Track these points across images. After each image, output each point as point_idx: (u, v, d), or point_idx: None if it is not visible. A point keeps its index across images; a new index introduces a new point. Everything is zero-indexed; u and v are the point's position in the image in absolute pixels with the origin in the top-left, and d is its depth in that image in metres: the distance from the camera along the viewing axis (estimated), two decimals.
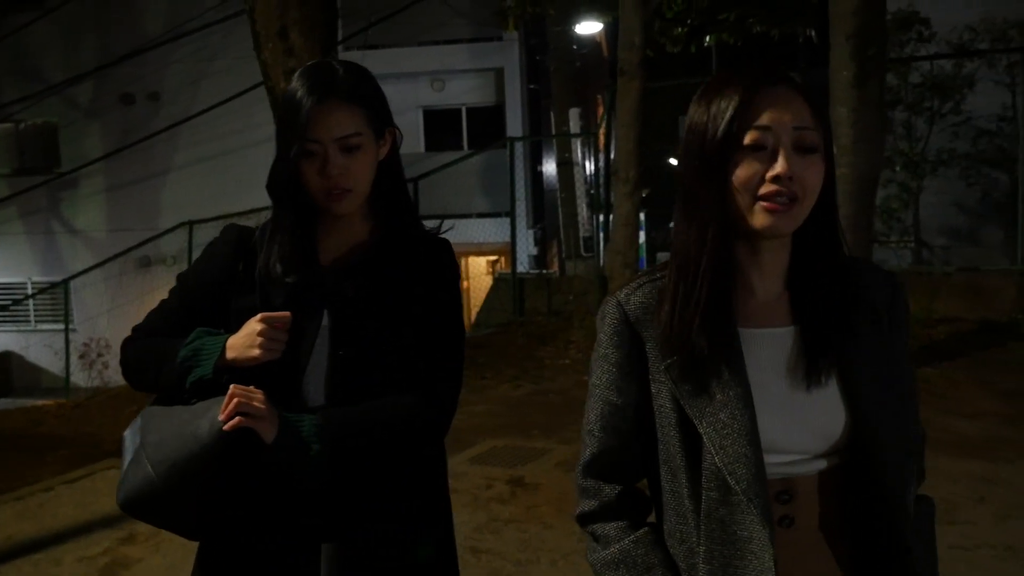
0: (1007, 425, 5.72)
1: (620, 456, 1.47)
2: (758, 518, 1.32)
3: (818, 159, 1.34)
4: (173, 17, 16.54)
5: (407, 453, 1.76)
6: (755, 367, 1.37)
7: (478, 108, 17.40)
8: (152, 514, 1.67)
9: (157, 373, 1.73)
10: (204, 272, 1.83)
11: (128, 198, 17.44)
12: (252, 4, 8.28)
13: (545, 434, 6.13)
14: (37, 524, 4.91)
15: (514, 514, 4.71)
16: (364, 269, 1.78)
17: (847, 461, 1.38)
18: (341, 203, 1.73)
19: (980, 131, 12.05)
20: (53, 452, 7.27)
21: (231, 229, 1.85)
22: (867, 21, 6.12)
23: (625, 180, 8.00)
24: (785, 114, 1.32)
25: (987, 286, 8.67)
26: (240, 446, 1.58)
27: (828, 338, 1.38)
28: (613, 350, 1.44)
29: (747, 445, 1.32)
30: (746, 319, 1.39)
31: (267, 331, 1.67)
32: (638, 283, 1.46)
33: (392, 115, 1.82)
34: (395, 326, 1.75)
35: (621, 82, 7.94)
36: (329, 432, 1.64)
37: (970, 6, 12.02)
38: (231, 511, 1.68)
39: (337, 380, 1.73)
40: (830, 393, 1.37)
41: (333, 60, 1.80)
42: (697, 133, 1.36)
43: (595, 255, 11.13)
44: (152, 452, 1.62)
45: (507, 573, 4.00)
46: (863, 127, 6.21)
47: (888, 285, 1.47)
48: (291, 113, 1.70)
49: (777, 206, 1.31)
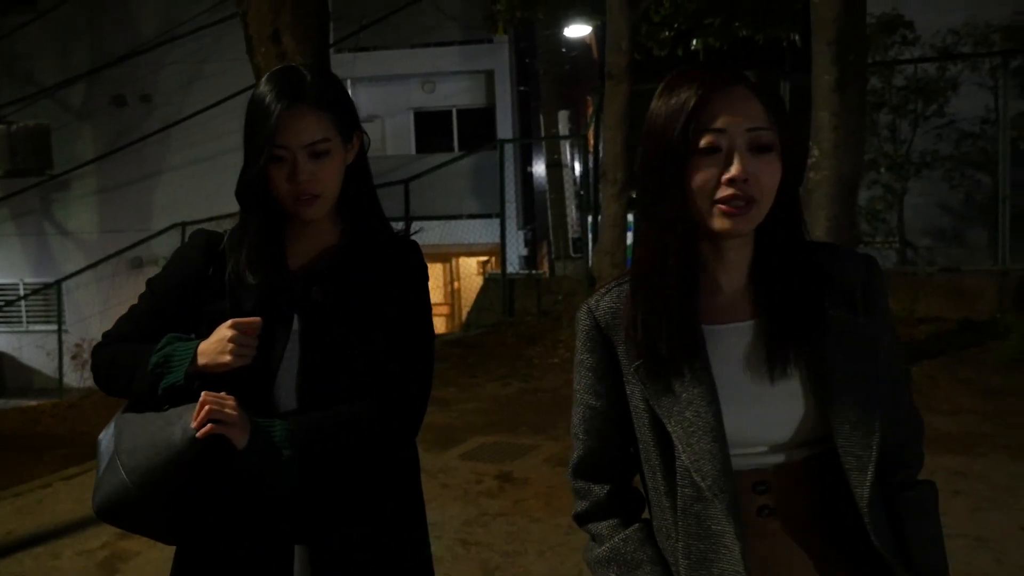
0: (984, 422, 5.87)
1: (604, 457, 1.50)
2: (724, 513, 1.34)
3: (774, 158, 1.35)
4: (165, 20, 16.62)
5: (379, 456, 1.77)
6: (720, 363, 1.38)
7: (469, 110, 17.53)
8: (127, 520, 1.69)
9: (129, 379, 1.74)
10: (173, 277, 1.83)
11: (120, 199, 17.51)
12: (245, 8, 8.37)
13: (533, 431, 6.25)
14: (36, 520, 5.03)
15: (503, 508, 4.84)
16: (333, 273, 1.78)
17: (820, 451, 1.39)
18: (310, 208, 1.73)
19: (963, 133, 12.16)
20: (51, 451, 7.37)
21: (199, 234, 1.87)
22: (847, 28, 6.27)
23: (613, 182, 8.14)
24: (739, 116, 1.33)
25: (968, 286, 8.82)
26: (213, 452, 1.60)
27: (790, 329, 1.39)
28: (587, 355, 1.48)
29: (712, 442, 1.34)
30: (710, 315, 1.41)
31: (238, 337, 1.68)
32: (607, 288, 1.49)
33: (359, 119, 1.83)
34: (364, 329, 1.75)
35: (609, 85, 8.07)
36: (300, 437, 1.66)
37: (953, 10, 12.13)
38: (205, 516, 1.69)
39: (308, 385, 1.73)
40: (794, 385, 1.38)
41: (300, 65, 1.79)
42: (654, 136, 1.37)
43: (584, 256, 11.26)
44: (126, 459, 1.63)
45: (495, 564, 4.12)
46: (844, 131, 6.35)
47: (863, 268, 1.46)
48: (259, 119, 1.69)
49: (734, 209, 1.33)
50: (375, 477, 1.78)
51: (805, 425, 1.38)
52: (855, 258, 1.47)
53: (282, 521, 1.72)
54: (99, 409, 9.08)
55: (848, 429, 1.36)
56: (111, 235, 17.17)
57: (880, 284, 1.47)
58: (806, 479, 1.40)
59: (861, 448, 1.36)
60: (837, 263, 1.44)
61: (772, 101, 1.36)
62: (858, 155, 6.54)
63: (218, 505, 1.68)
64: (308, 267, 1.79)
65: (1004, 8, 11.76)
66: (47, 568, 4.33)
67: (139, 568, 4.26)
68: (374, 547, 1.78)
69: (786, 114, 1.40)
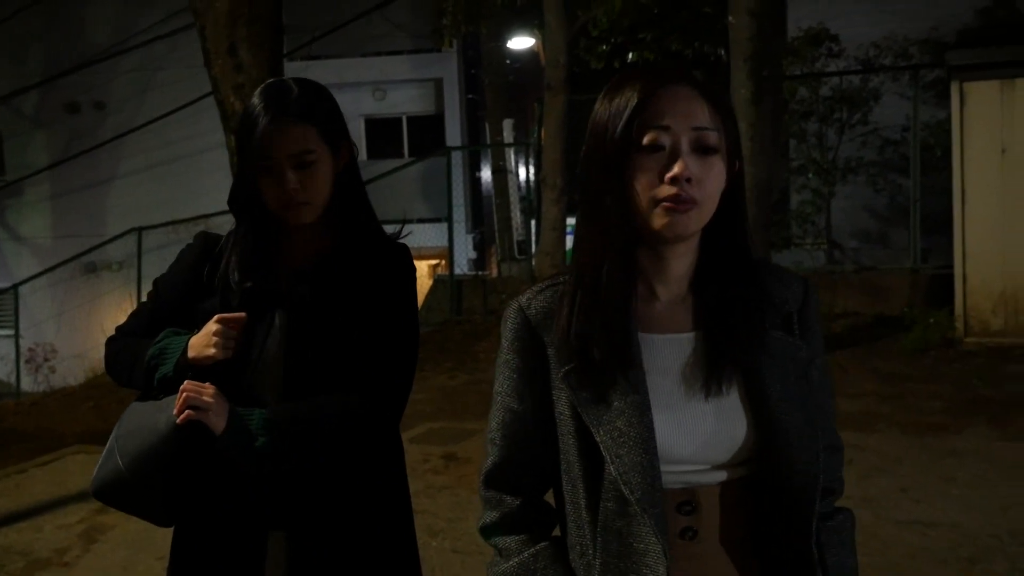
0: (882, 402, 6.49)
1: (522, 466, 1.42)
2: (652, 529, 1.27)
3: (718, 160, 1.31)
4: (118, 28, 16.88)
5: (357, 445, 1.82)
6: (655, 374, 1.33)
7: (418, 117, 18.00)
8: (121, 501, 1.81)
9: (131, 371, 1.87)
10: (174, 277, 1.95)
11: (74, 205, 17.65)
12: (203, 22, 8.71)
13: (477, 417, 6.77)
14: (15, 500, 5.44)
15: (447, 482, 5.36)
16: (320, 273, 1.85)
17: (754, 472, 1.34)
18: (298, 215, 1.81)
19: (886, 141, 12.77)
20: (18, 445, 7.69)
21: (199, 236, 1.97)
22: (761, 46, 6.89)
23: (552, 187, 8.70)
24: (684, 114, 1.29)
25: (884, 284, 9.50)
26: (194, 438, 1.70)
27: (730, 344, 1.34)
28: (514, 355, 1.40)
29: (643, 454, 1.28)
30: (648, 324, 1.36)
31: (222, 331, 1.77)
32: (540, 287, 1.43)
33: (348, 130, 1.91)
34: (348, 327, 1.81)
35: (548, 97, 8.64)
36: (277, 425, 1.73)
37: (875, 24, 12.74)
38: (192, 499, 1.80)
39: (290, 377, 1.81)
40: (731, 401, 1.34)
41: (290, 79, 1.88)
42: (597, 134, 1.32)
43: (528, 257, 11.80)
44: (122, 444, 1.77)
45: (440, 528, 4.63)
46: (760, 140, 6.97)
47: (800, 289, 1.43)
48: (247, 131, 1.79)
49: (675, 207, 1.28)
50: (355, 466, 1.83)
51: (736, 445, 1.33)
52: (794, 280, 1.44)
53: (260, 506, 1.80)
54: (62, 406, 9.42)
55: (790, 451, 1.32)
56: (64, 240, 17.31)
57: (816, 309, 1.44)
58: (736, 502, 1.34)
59: (803, 474, 1.32)
60: (777, 283, 1.41)
61: (719, 103, 1.33)
62: (773, 161, 7.15)
63: (201, 488, 1.78)
64: (298, 268, 1.87)
65: (921, 23, 12.42)
66: (31, 539, 4.76)
67: (116, 538, 4.70)
68: (354, 536, 1.83)
69: (733, 119, 1.36)
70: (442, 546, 4.42)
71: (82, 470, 5.90)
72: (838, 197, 13.18)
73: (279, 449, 1.72)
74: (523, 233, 13.68)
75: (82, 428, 8.03)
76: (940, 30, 12.06)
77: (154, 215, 14.99)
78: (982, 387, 6.74)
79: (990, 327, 7.85)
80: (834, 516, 1.45)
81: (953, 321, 7.98)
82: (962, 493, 4.77)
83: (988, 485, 4.87)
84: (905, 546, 4.13)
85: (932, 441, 5.64)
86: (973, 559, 3.99)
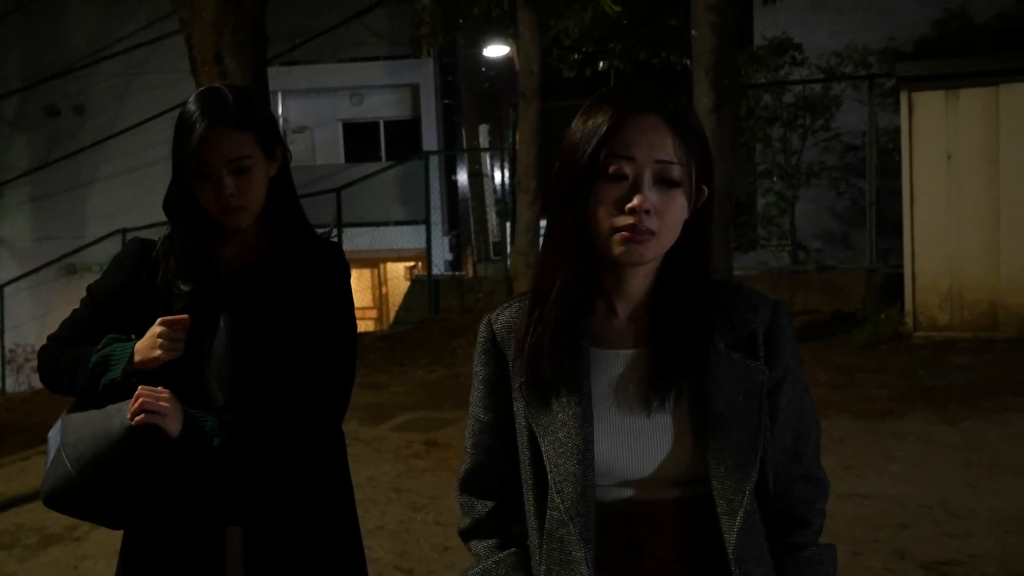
0: (834, 391, 6.95)
1: (491, 473, 1.47)
2: (577, 538, 1.31)
3: (679, 194, 1.32)
4: (99, 32, 17.13)
5: (306, 443, 1.87)
6: (600, 388, 1.36)
7: (395, 121, 18.40)
8: (72, 506, 1.81)
9: (72, 378, 1.85)
10: (110, 282, 1.94)
11: (54, 207, 17.83)
12: (189, 32, 9.04)
13: (456, 408, 7.17)
14: (23, 483, 5.78)
15: (428, 465, 5.76)
16: (257, 274, 1.89)
17: (696, 494, 1.35)
18: (235, 219, 1.85)
19: (847, 146, 13.20)
20: (10, 438, 8.01)
21: (134, 242, 1.98)
22: (722, 58, 7.33)
23: (526, 190, 9.13)
24: (649, 146, 1.31)
25: (842, 283, 9.99)
26: (149, 441, 1.72)
27: (674, 364, 1.35)
28: (481, 367, 1.47)
29: (577, 464, 1.32)
30: (603, 340, 1.39)
31: (166, 332, 1.78)
32: (509, 303, 1.48)
33: (281, 134, 1.96)
34: (290, 326, 1.85)
35: (522, 104, 9.06)
36: (230, 426, 1.77)
37: (836, 34, 13.19)
38: (145, 501, 1.81)
39: (237, 378, 1.84)
40: (672, 419, 1.35)
41: (223, 86, 1.91)
42: (568, 153, 1.36)
43: (504, 258, 12.22)
44: (70, 451, 1.76)
45: (422, 504, 5.03)
46: (720, 147, 7.40)
47: (768, 311, 1.41)
48: (184, 137, 1.80)
49: (631, 238, 1.31)
50: (304, 463, 1.89)
51: (676, 463, 1.35)
52: (762, 302, 1.43)
53: (216, 505, 1.84)
54: (51, 402, 9.66)
55: (723, 472, 1.33)
56: (45, 242, 17.50)
57: (786, 331, 1.43)
58: (677, 520, 1.36)
59: (733, 492, 1.33)
60: (740, 304, 1.41)
61: (687, 135, 1.34)
62: (731, 166, 7.60)
63: (156, 491, 1.80)
64: (235, 270, 1.90)
65: (880, 33, 12.91)
66: (42, 518, 5.10)
67: None
68: (305, 527, 1.89)
69: (704, 147, 1.37)
70: (426, 519, 4.82)
71: None
72: (802, 200, 13.59)
73: (233, 450, 1.77)
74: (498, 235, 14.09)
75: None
76: (897, 40, 12.57)
77: (134, 218, 15.20)
78: (926, 377, 7.23)
79: (937, 322, 8.35)
80: (806, 548, 1.44)
81: (903, 316, 8.47)
82: (900, 469, 5.23)
83: (924, 463, 5.33)
84: (844, 515, 4.56)
85: (877, 425, 6.10)
86: (904, 524, 4.44)
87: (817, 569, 1.43)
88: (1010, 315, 8.15)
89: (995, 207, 8.16)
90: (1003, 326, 8.15)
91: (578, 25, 9.27)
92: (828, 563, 1.45)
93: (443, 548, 4.45)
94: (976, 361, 7.56)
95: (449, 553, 4.39)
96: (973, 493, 4.79)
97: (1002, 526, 4.34)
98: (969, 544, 4.17)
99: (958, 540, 4.22)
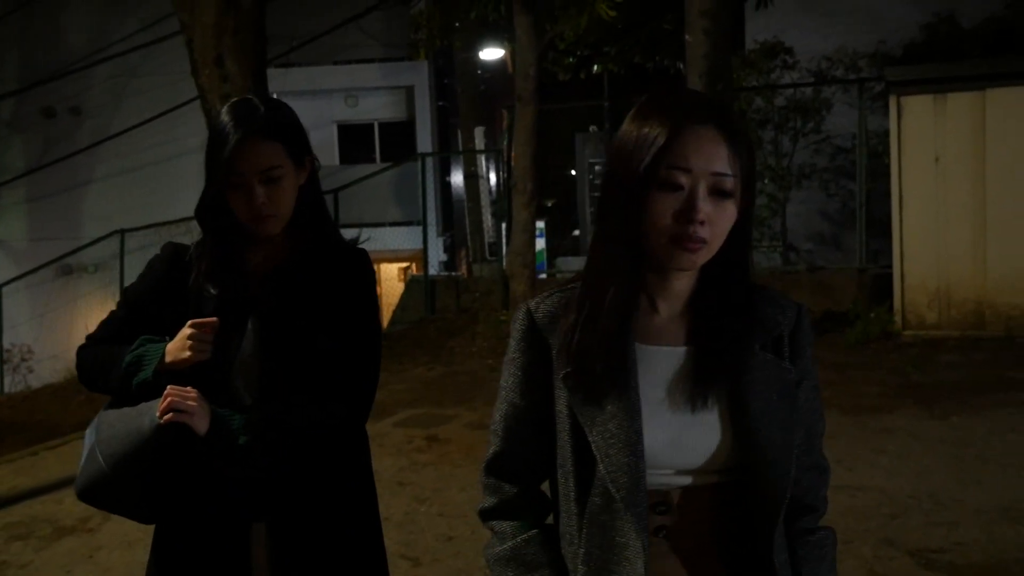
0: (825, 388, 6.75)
1: (520, 457, 1.51)
2: (634, 526, 1.36)
3: (731, 204, 1.36)
4: (95, 34, 17.21)
5: (329, 443, 1.93)
6: (647, 382, 1.41)
7: (390, 123, 18.49)
8: (105, 500, 1.89)
9: (107, 377, 1.93)
10: (144, 285, 2.02)
11: (50, 208, 17.85)
12: (190, 35, 9.13)
13: (455, 404, 7.33)
14: (33, 478, 5.91)
15: (430, 459, 5.90)
16: (285, 279, 1.94)
17: (726, 480, 1.42)
18: (266, 226, 1.91)
19: (837, 148, 13.30)
20: (14, 435, 8.14)
21: (168, 246, 2.05)
22: (715, 63, 7.49)
23: (523, 192, 9.27)
24: (706, 158, 1.34)
25: (833, 283, 10.16)
26: (177, 439, 1.78)
27: (718, 361, 1.41)
28: (520, 354, 1.48)
29: (630, 456, 1.36)
30: (645, 335, 1.44)
31: (196, 335, 1.83)
32: (549, 292, 1.50)
33: (310, 144, 2.01)
34: (315, 329, 1.91)
35: (518, 107, 9.20)
36: (256, 425, 1.83)
37: (827, 38, 13.29)
38: (174, 497, 1.87)
39: (264, 379, 1.90)
40: (714, 415, 1.41)
41: (256, 97, 1.97)
42: (621, 161, 1.38)
43: (499, 258, 12.37)
44: (104, 447, 1.83)
45: (425, 497, 5.17)
46: None
47: (793, 314, 1.48)
48: (217, 148, 1.87)
49: (686, 248, 1.35)
50: (328, 463, 1.94)
51: (717, 456, 1.41)
52: (787, 305, 1.50)
53: (241, 502, 1.89)
54: (53, 400, 9.84)
55: (763, 468, 1.40)
56: (41, 243, 17.54)
57: (808, 334, 1.50)
58: (707, 506, 1.42)
59: (773, 488, 1.41)
60: (770, 307, 1.47)
61: (740, 146, 1.37)
62: None
63: (183, 487, 1.86)
64: (263, 274, 1.96)
65: (870, 37, 13.04)
66: (54, 510, 5.24)
67: None
68: (328, 526, 1.95)
69: (752, 158, 1.41)
70: (429, 511, 4.96)
71: None
72: (793, 202, 13.69)
73: (259, 449, 1.82)
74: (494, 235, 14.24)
75: (76, 420, 8.38)
76: (887, 43, 12.71)
77: (129, 219, 15.29)
78: (915, 374, 7.40)
79: (926, 321, 8.53)
80: (815, 532, 1.54)
81: (892, 316, 8.65)
82: (889, 463, 5.39)
83: (913, 456, 5.49)
84: (836, 506, 4.62)
85: (867, 420, 6.26)
86: (893, 515, 4.60)
87: (824, 551, 1.53)
88: (996, 314, 8.34)
89: (982, 209, 8.34)
90: (989, 325, 8.34)
91: (573, 29, 9.42)
92: (831, 545, 1.56)
93: (447, 538, 4.61)
94: (963, 359, 7.74)
95: (453, 543, 4.55)
96: (960, 485, 4.95)
97: (987, 516, 4.50)
98: (955, 533, 4.33)
99: (945, 529, 4.38)
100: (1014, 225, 8.25)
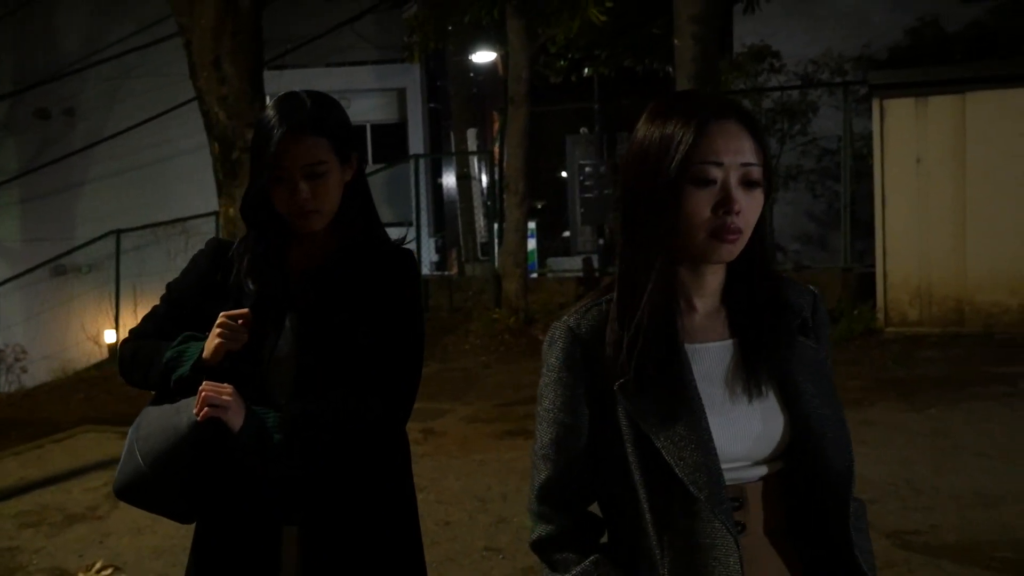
0: None
1: (572, 481, 1.48)
2: (722, 525, 1.36)
3: (759, 193, 1.40)
4: (89, 36, 17.33)
5: (367, 444, 1.88)
6: (701, 380, 1.42)
7: (382, 125, 18.60)
8: (144, 499, 1.87)
9: (146, 372, 1.91)
10: (186, 281, 2.00)
11: (44, 209, 17.91)
12: (189, 37, 9.25)
13: (450, 399, 7.52)
14: (40, 470, 6.08)
15: (427, 451, 6.09)
16: (327, 277, 1.90)
17: (789, 466, 1.44)
18: (308, 223, 1.86)
19: (824, 150, 13.47)
20: (17, 431, 8.24)
21: (212, 242, 2.03)
22: (703, 66, 7.69)
23: (515, 192, 9.47)
24: (735, 150, 1.37)
25: (818, 281, 10.33)
26: (213, 436, 1.76)
27: (765, 349, 1.44)
28: (566, 373, 1.46)
29: (705, 455, 1.36)
30: (690, 335, 1.45)
31: (225, 323, 1.81)
32: (585, 307, 1.49)
33: (356, 141, 1.96)
34: (355, 328, 1.86)
35: (510, 109, 9.40)
36: (291, 424, 1.79)
37: (813, 42, 13.46)
38: (211, 496, 1.86)
39: (302, 378, 1.86)
40: (770, 401, 1.44)
41: (303, 92, 1.92)
42: (647, 163, 1.40)
43: (491, 258, 12.56)
44: (142, 444, 1.82)
45: (422, 486, 5.32)
46: None
47: (810, 299, 1.53)
48: (262, 143, 1.83)
49: (725, 240, 1.38)
50: (365, 464, 1.89)
51: (778, 440, 1.43)
52: (804, 291, 1.54)
53: (275, 503, 1.86)
54: (53, 398, 9.98)
55: (826, 443, 1.43)
56: (34, 243, 17.63)
57: (825, 317, 1.56)
58: (776, 495, 1.44)
59: (842, 460, 1.44)
60: (793, 292, 1.51)
61: (760, 136, 1.41)
62: None
63: (220, 485, 1.84)
64: (304, 271, 1.92)
65: (855, 42, 13.25)
66: (63, 499, 5.41)
67: None
68: (363, 530, 1.89)
69: (768, 148, 1.45)
70: (428, 498, 5.15)
71: (95, 445, 6.55)
72: (780, 203, 13.86)
73: (293, 447, 1.78)
74: (486, 235, 14.43)
75: (77, 417, 8.54)
76: (872, 47, 12.91)
77: (124, 220, 15.40)
78: (896, 369, 7.63)
79: (907, 318, 8.76)
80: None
81: (875, 313, 8.87)
82: (870, 452, 5.59)
83: (893, 446, 5.70)
84: None
85: (850, 413, 6.27)
86: (872, 501, 4.78)
87: (859, 523, 1.52)
88: (975, 312, 8.57)
89: (962, 209, 8.57)
90: (968, 322, 8.57)
91: (565, 33, 9.61)
92: (864, 516, 1.56)
93: (445, 523, 4.82)
94: (943, 354, 7.98)
95: (451, 527, 4.76)
96: (936, 473, 5.17)
97: (962, 501, 4.72)
98: (931, 517, 4.54)
99: (921, 513, 4.59)
100: (993, 225, 8.49)
